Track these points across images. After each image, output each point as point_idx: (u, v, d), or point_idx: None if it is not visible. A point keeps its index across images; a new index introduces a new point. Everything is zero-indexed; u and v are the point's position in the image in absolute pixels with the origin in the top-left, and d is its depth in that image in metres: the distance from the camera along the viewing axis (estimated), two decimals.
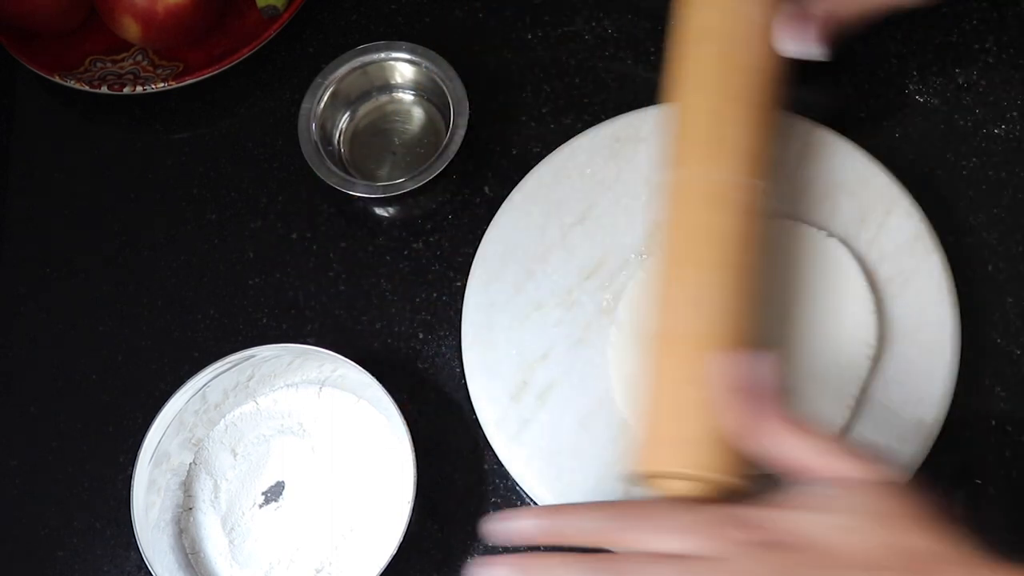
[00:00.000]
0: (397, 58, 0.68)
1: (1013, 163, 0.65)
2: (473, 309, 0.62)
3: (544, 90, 0.70)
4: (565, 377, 0.60)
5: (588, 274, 0.62)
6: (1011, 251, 0.63)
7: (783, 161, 0.63)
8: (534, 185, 0.64)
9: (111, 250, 0.69)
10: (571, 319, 0.61)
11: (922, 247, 0.61)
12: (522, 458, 0.59)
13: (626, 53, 0.70)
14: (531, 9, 0.72)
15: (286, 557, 0.60)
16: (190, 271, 0.68)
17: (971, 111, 0.66)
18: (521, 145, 0.68)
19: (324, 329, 0.66)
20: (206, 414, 0.62)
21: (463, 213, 0.67)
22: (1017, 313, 0.62)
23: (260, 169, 0.70)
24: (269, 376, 0.62)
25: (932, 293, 0.60)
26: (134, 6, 0.68)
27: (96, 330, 0.67)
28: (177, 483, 0.61)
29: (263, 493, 0.61)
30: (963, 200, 0.64)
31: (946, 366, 0.58)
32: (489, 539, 0.50)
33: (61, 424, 0.66)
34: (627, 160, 0.64)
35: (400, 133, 0.69)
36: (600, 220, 0.63)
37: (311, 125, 0.67)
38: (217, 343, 0.66)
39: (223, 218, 0.69)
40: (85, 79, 0.70)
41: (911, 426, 0.57)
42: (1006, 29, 0.68)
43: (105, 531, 0.63)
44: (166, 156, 0.71)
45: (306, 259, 0.67)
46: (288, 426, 0.62)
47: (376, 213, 0.68)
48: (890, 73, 0.68)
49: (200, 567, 0.60)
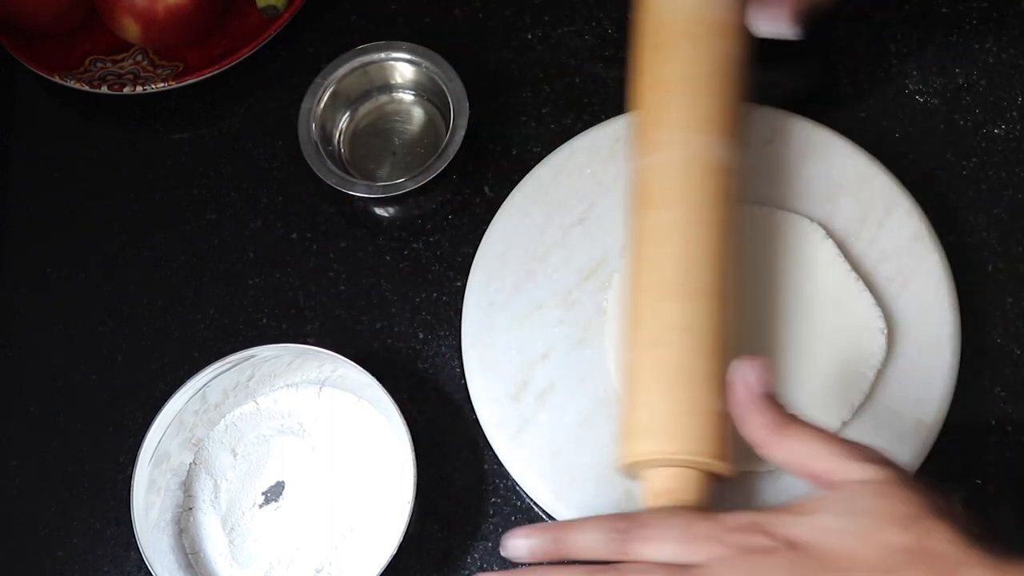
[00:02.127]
0: (397, 58, 0.68)
1: (1013, 163, 0.65)
2: (473, 309, 0.62)
3: (544, 90, 0.70)
4: (565, 377, 0.60)
5: (588, 274, 0.62)
6: (1011, 251, 0.63)
7: (784, 161, 0.63)
8: (534, 185, 0.64)
9: (111, 250, 0.69)
10: (571, 319, 0.61)
11: (922, 247, 0.61)
12: (522, 458, 0.59)
13: (626, 53, 0.70)
14: (531, 9, 0.72)
15: (286, 557, 0.60)
16: (190, 271, 0.68)
17: (971, 111, 0.66)
18: (521, 145, 0.68)
19: (324, 329, 0.66)
20: (206, 414, 0.62)
21: (463, 213, 0.67)
22: (1017, 313, 0.62)
23: (260, 169, 0.70)
24: (269, 376, 0.62)
25: (932, 293, 0.60)
26: (134, 6, 0.68)
27: (96, 330, 0.67)
28: (177, 483, 0.61)
29: (263, 493, 0.61)
30: (963, 200, 0.64)
31: (946, 366, 0.58)
32: (504, 553, 0.51)
33: (61, 424, 0.66)
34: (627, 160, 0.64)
35: (400, 133, 0.69)
36: (600, 220, 0.63)
37: (311, 125, 0.67)
38: (217, 343, 0.66)
39: (223, 218, 0.69)
40: (85, 79, 0.70)
41: (911, 426, 0.57)
42: (1006, 29, 0.68)
43: (105, 531, 0.63)
44: (166, 156, 0.71)
45: (306, 259, 0.67)
46: (288, 426, 0.62)
47: (376, 213, 0.68)
48: (890, 73, 0.68)
49: (200, 567, 0.60)
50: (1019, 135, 0.66)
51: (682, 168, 0.56)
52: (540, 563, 0.50)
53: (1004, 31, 0.68)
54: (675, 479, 0.52)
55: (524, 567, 0.50)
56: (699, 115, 0.56)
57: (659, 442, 0.52)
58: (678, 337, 0.53)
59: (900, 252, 0.61)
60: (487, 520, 0.61)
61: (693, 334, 0.53)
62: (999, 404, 0.60)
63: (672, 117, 0.57)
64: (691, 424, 0.52)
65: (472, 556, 0.60)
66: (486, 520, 0.61)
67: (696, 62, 0.57)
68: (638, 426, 0.53)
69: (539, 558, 0.50)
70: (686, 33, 0.58)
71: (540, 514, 0.60)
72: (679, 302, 0.54)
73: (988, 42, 0.68)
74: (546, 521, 0.60)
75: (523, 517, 0.60)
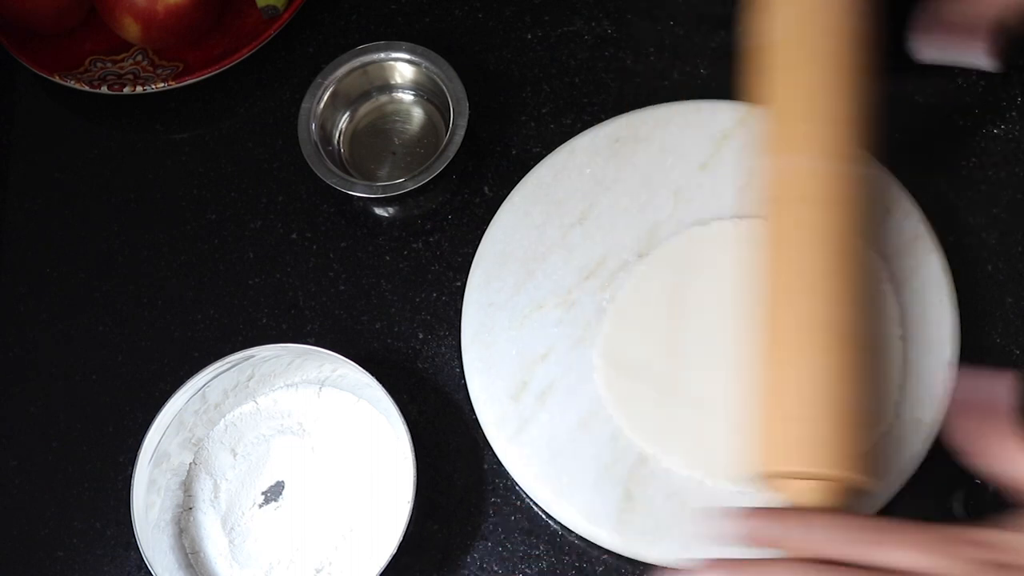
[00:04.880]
0: (397, 58, 0.68)
1: (1013, 163, 0.65)
2: (473, 309, 0.62)
3: (544, 90, 0.70)
4: (565, 377, 0.60)
5: (588, 274, 0.62)
6: (1011, 251, 0.63)
7: None
8: (534, 185, 0.64)
9: (111, 250, 0.69)
10: (571, 319, 0.61)
11: (922, 247, 0.61)
12: (522, 458, 0.59)
13: (626, 53, 0.70)
14: (531, 9, 0.72)
15: (286, 557, 0.60)
16: (190, 271, 0.68)
17: (971, 111, 0.66)
18: (521, 145, 0.68)
19: (324, 329, 0.66)
20: (206, 414, 0.62)
21: (463, 213, 0.67)
22: (1017, 313, 0.62)
23: (260, 169, 0.70)
24: (269, 376, 0.62)
25: (932, 293, 0.60)
26: (134, 6, 0.68)
27: (96, 330, 0.67)
28: (177, 483, 0.61)
29: (263, 493, 0.61)
30: (963, 200, 0.64)
31: (946, 366, 0.58)
32: (704, 533, 0.48)
33: (61, 424, 0.66)
34: (626, 160, 0.64)
35: (400, 133, 0.69)
36: (600, 220, 0.63)
37: (311, 125, 0.67)
38: (217, 343, 0.66)
39: (223, 218, 0.69)
40: (85, 79, 0.70)
41: (911, 426, 0.57)
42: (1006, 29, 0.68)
43: (105, 531, 0.63)
44: (166, 156, 0.71)
45: (306, 259, 0.67)
46: (288, 426, 0.62)
47: (376, 213, 0.68)
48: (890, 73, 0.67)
49: (200, 567, 0.60)
50: (1019, 135, 0.66)
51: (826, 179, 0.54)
52: None
53: None
54: (821, 492, 0.50)
55: (740, 560, 0.46)
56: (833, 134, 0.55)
57: (819, 456, 0.50)
58: (837, 346, 0.51)
59: (900, 252, 0.61)
60: (487, 520, 0.61)
61: (849, 348, 0.52)
62: None
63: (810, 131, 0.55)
64: (848, 441, 0.50)
65: (472, 556, 0.60)
66: (486, 520, 0.61)
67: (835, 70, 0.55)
68: (791, 435, 0.51)
69: (748, 542, 0.47)
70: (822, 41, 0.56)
71: (540, 514, 0.60)
72: (834, 308, 0.52)
73: None
74: (550, 521, 0.60)
75: (523, 517, 0.61)
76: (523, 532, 0.60)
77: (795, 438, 0.51)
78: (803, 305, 0.52)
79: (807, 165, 0.54)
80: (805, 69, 0.56)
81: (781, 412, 0.52)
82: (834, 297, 0.52)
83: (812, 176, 0.54)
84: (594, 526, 0.58)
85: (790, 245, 0.54)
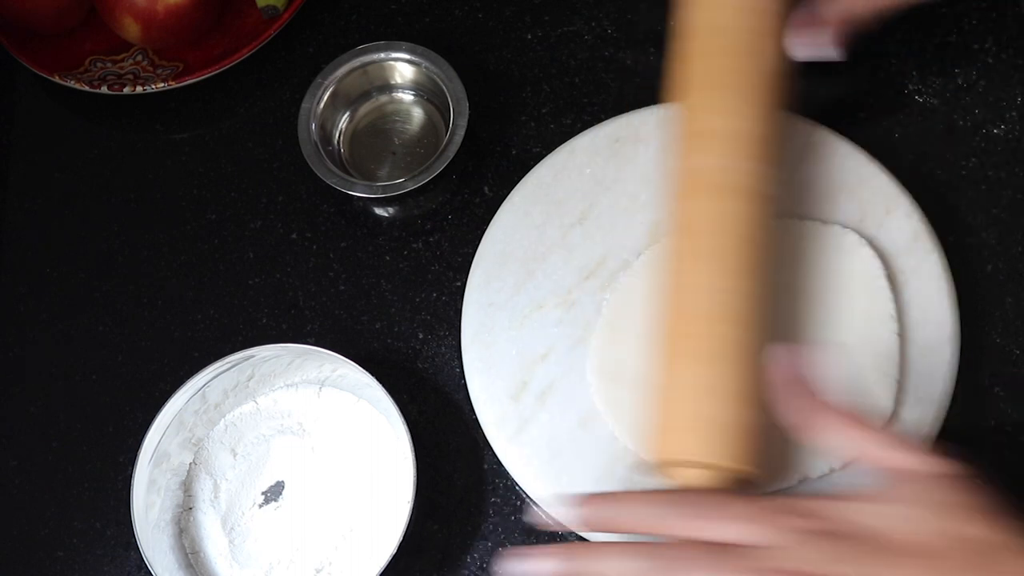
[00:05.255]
0: (397, 58, 0.68)
1: (1013, 163, 0.65)
2: (473, 309, 0.62)
3: (544, 90, 0.70)
4: (565, 377, 0.60)
5: (588, 274, 0.62)
6: (1011, 251, 0.63)
7: (783, 161, 0.63)
8: (534, 185, 0.64)
9: (111, 250, 0.69)
10: (571, 319, 0.61)
11: (922, 247, 0.61)
12: (522, 458, 0.59)
13: (626, 53, 0.70)
14: (531, 9, 0.72)
15: (286, 557, 0.60)
16: (190, 271, 0.68)
17: (971, 111, 0.66)
18: (521, 145, 0.68)
19: (324, 329, 0.66)
20: (206, 414, 0.62)
21: (463, 213, 0.67)
22: (1017, 313, 0.62)
23: (260, 169, 0.70)
24: (269, 376, 0.62)
25: (932, 293, 0.60)
26: (134, 6, 0.68)
27: (96, 330, 0.67)
28: (177, 483, 0.61)
29: (263, 493, 0.61)
30: (963, 200, 0.64)
31: (946, 366, 0.58)
32: (535, 524, 0.49)
33: (61, 424, 0.66)
34: (627, 160, 0.64)
35: (400, 133, 0.69)
36: (600, 220, 0.63)
37: (311, 125, 0.67)
38: (217, 343, 0.66)
39: (223, 218, 0.69)
40: (85, 79, 0.70)
41: (911, 426, 0.57)
42: (1006, 29, 0.68)
43: (105, 531, 0.63)
44: (166, 156, 0.71)
45: (306, 259, 0.67)
46: (288, 426, 0.62)
47: (376, 213, 0.68)
48: (890, 73, 0.68)
49: (200, 567, 0.60)
50: (1019, 135, 0.66)
51: (730, 181, 0.55)
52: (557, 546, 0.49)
53: (1004, 31, 0.68)
54: (709, 480, 0.51)
55: (567, 543, 0.48)
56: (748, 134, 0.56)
57: (706, 445, 0.51)
58: (732, 350, 0.53)
59: (900, 252, 0.61)
60: (487, 520, 0.61)
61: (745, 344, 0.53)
62: (999, 404, 0.60)
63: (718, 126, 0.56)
64: (737, 431, 0.51)
65: (472, 556, 0.60)
66: (486, 520, 0.61)
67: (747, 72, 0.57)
68: (680, 424, 0.52)
69: (583, 528, 0.49)
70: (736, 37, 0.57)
71: (540, 514, 0.60)
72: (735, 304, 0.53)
73: (987, 42, 0.68)
74: (553, 521, 0.60)
75: (523, 517, 0.60)
76: (523, 532, 0.60)
77: (681, 427, 0.52)
78: (694, 298, 0.54)
79: (714, 162, 0.55)
80: (717, 59, 0.57)
81: (670, 402, 0.53)
82: (732, 282, 0.53)
83: (720, 170, 0.55)
84: None
85: (692, 237, 0.55)
